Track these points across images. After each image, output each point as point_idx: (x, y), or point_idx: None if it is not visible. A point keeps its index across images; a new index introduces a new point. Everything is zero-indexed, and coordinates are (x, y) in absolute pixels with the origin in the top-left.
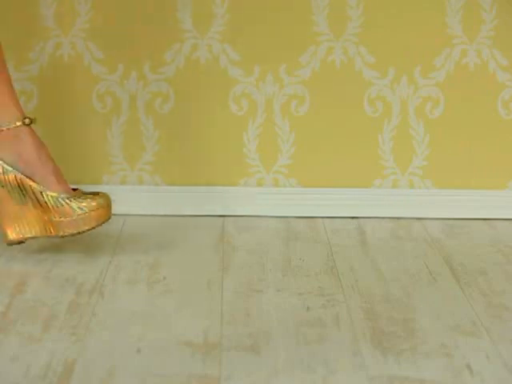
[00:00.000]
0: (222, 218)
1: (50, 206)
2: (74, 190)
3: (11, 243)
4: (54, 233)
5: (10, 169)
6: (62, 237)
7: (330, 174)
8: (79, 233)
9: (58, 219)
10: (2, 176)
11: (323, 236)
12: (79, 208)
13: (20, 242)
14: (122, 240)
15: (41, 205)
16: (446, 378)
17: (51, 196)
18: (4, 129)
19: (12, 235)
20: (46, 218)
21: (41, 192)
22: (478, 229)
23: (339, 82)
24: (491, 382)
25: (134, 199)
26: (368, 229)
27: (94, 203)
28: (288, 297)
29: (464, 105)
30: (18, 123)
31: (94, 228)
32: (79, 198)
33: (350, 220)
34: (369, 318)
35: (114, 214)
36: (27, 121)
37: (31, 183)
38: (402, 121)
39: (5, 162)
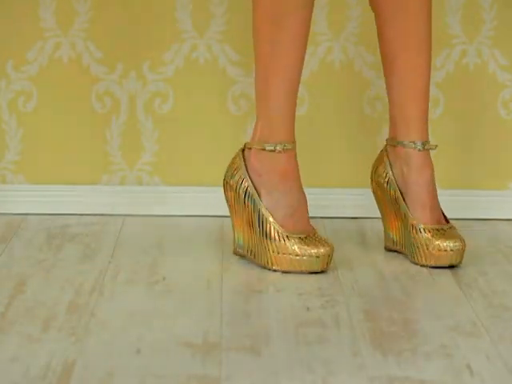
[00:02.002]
0: (221, 219)
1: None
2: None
3: (238, 254)
4: (271, 266)
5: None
6: (274, 270)
7: (329, 173)
8: (286, 272)
9: (275, 253)
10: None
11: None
12: (298, 249)
13: (243, 256)
14: (121, 240)
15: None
16: (446, 379)
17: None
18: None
19: (238, 249)
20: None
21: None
22: (478, 229)
23: (339, 81)
24: (491, 382)
25: (133, 199)
26: (368, 229)
27: (311, 250)
28: (288, 297)
29: (464, 105)
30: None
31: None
32: (306, 239)
33: (349, 220)
34: (369, 318)
35: (114, 215)
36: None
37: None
38: None
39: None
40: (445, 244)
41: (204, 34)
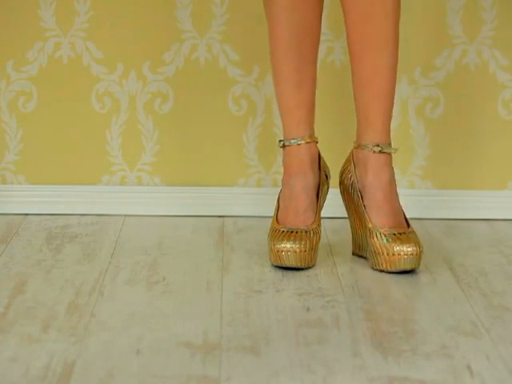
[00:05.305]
0: (221, 219)
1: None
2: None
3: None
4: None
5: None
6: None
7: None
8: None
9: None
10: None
11: (323, 236)
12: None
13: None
14: (121, 240)
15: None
16: (447, 379)
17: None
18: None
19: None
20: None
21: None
22: (478, 229)
23: (339, 81)
24: (491, 382)
25: (134, 200)
26: None
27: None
28: (288, 297)
29: (464, 105)
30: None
31: None
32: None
33: None
34: (369, 318)
35: (114, 215)
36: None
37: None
38: (402, 121)
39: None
40: (398, 248)
41: (204, 34)
